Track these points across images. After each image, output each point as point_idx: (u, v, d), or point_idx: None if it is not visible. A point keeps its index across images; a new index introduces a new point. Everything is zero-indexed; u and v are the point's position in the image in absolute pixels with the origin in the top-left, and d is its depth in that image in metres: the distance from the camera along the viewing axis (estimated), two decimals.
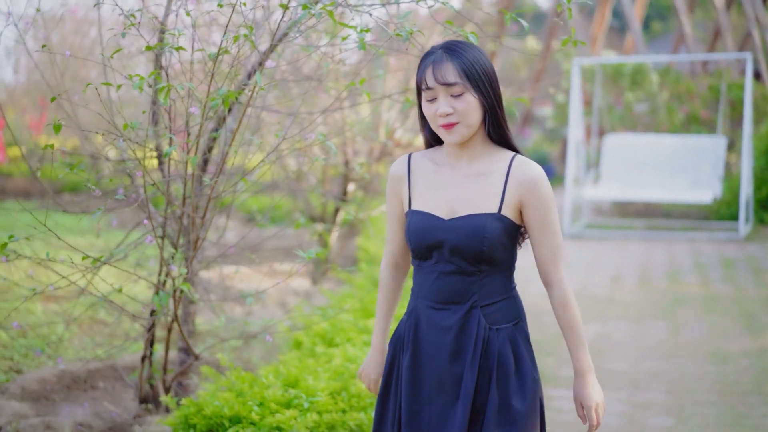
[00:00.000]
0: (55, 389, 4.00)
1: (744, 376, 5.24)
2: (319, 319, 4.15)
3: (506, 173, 2.32)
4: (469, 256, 2.29)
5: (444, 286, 2.33)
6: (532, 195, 2.31)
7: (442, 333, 2.34)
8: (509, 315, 2.37)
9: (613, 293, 7.62)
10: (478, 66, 2.28)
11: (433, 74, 2.28)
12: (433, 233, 2.32)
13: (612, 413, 4.63)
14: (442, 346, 2.34)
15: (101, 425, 3.54)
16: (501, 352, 2.32)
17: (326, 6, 2.76)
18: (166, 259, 3.08)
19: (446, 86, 2.26)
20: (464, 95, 2.27)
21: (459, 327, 2.32)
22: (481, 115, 2.31)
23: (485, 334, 2.32)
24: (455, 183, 2.36)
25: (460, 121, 2.28)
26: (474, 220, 2.29)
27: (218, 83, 3.04)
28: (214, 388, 3.15)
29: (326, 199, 6.54)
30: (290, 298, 6.06)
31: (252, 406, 2.99)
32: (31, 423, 3.45)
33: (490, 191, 2.32)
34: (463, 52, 2.29)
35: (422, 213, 2.36)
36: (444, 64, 2.27)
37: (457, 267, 2.31)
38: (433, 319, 2.35)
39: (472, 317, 2.32)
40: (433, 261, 2.34)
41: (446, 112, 2.27)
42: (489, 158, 2.36)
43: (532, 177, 2.31)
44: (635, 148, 11.58)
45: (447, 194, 2.35)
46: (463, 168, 2.37)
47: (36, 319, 5.49)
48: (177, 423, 3.05)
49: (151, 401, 3.70)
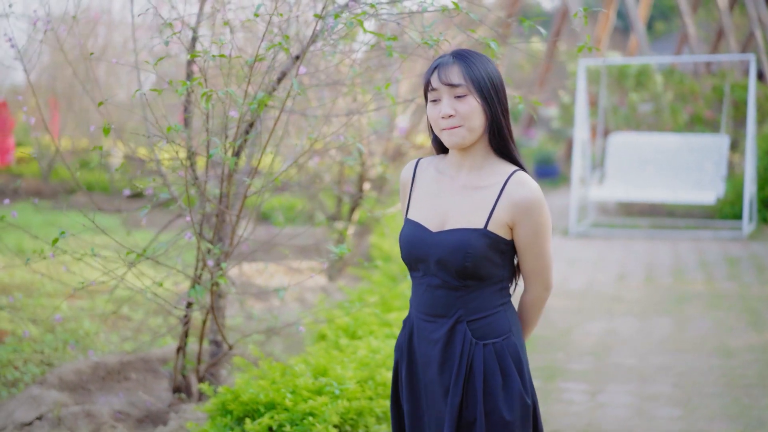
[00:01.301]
0: (90, 380, 4.18)
1: (749, 369, 5.40)
2: (341, 314, 4.32)
3: (500, 189, 2.29)
4: (453, 270, 2.28)
5: (431, 299, 2.33)
6: (523, 217, 2.28)
7: (431, 345, 2.34)
8: (498, 329, 2.34)
9: (620, 290, 7.79)
10: (484, 72, 2.30)
11: (438, 75, 2.30)
12: (419, 246, 2.32)
13: (621, 405, 4.80)
14: (432, 357, 2.35)
15: (137, 413, 3.73)
16: (487, 367, 2.30)
17: (357, 16, 2.93)
18: (204, 254, 3.25)
19: (450, 87, 2.28)
20: (467, 98, 2.28)
21: (445, 341, 2.32)
22: (484, 121, 2.31)
23: (471, 350, 2.30)
24: (451, 194, 2.35)
25: (462, 124, 2.28)
26: (458, 235, 2.28)
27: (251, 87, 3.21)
28: (247, 378, 3.33)
29: (343, 198, 6.72)
30: (308, 294, 6.25)
31: (285, 394, 3.17)
32: (72, 411, 3.63)
33: (481, 206, 2.30)
34: (470, 58, 2.31)
35: (414, 223, 2.36)
36: (450, 67, 2.30)
37: (442, 281, 2.31)
38: (423, 331, 2.36)
39: (458, 332, 2.31)
40: (421, 273, 2.35)
41: (448, 113, 2.27)
42: (489, 171, 2.34)
43: (526, 199, 2.28)
44: (639, 147, 11.75)
45: (441, 205, 2.35)
46: (462, 179, 2.35)
47: (62, 314, 5.67)
48: (214, 409, 3.23)
49: (183, 391, 3.88)
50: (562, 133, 17.26)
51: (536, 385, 5.05)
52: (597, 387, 5.13)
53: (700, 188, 11.09)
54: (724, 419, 4.55)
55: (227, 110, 3.03)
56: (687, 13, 14.73)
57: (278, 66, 3.54)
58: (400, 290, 4.97)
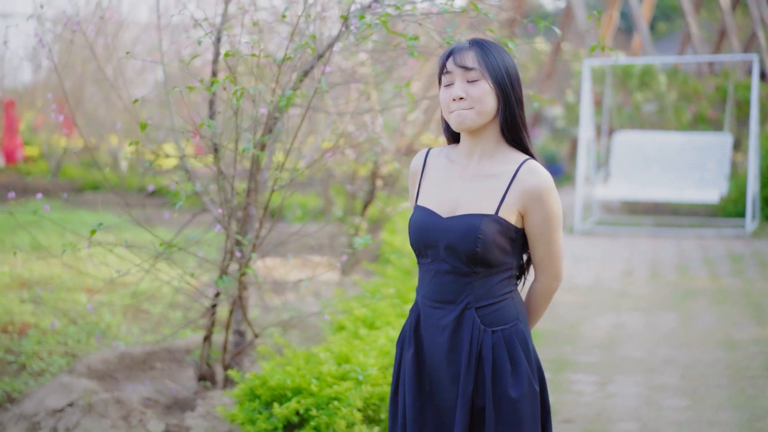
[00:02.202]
0: (117, 369, 4.32)
1: (753, 361, 5.53)
2: (359, 305, 4.46)
3: (512, 176, 2.30)
4: (463, 256, 2.28)
5: (440, 285, 2.33)
6: (534, 204, 2.29)
7: (438, 331, 2.35)
8: (506, 317, 2.34)
9: (626, 286, 7.92)
10: (499, 60, 2.31)
11: (453, 59, 2.31)
12: (429, 231, 2.33)
13: (630, 395, 4.93)
14: (439, 344, 2.35)
15: (165, 400, 3.87)
16: (496, 354, 2.31)
17: (381, 17, 3.06)
18: (232, 245, 3.39)
19: (463, 69, 2.28)
20: (480, 82, 2.28)
21: (453, 327, 2.32)
22: (495, 106, 2.31)
23: (479, 336, 2.31)
24: (463, 181, 2.35)
25: (473, 107, 2.28)
26: (468, 220, 2.28)
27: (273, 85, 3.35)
28: (273, 365, 3.47)
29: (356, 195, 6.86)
30: (323, 288, 6.39)
31: (310, 380, 3.31)
32: (102, 398, 3.77)
33: (492, 193, 2.30)
34: (486, 46, 2.32)
35: (423, 209, 2.36)
36: (466, 52, 2.31)
37: (451, 266, 2.31)
38: (431, 317, 2.36)
39: (466, 318, 2.32)
40: (429, 259, 2.35)
41: (459, 95, 2.28)
42: (500, 159, 2.34)
43: (537, 186, 2.29)
44: (644, 146, 11.88)
45: (452, 192, 2.35)
46: (473, 167, 2.35)
47: (82, 308, 5.81)
48: (242, 395, 3.36)
49: (209, 379, 4.02)
50: (566, 132, 17.38)
51: (546, 377, 5.19)
52: (606, 378, 5.26)
53: (704, 187, 11.22)
54: (730, 409, 4.68)
55: (256, 107, 3.17)
56: (690, 13, 14.85)
57: (301, 65, 3.67)
58: (414, 283, 5.11)
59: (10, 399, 4.29)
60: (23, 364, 4.78)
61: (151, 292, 6.11)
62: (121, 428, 3.60)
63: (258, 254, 4.73)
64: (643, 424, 4.48)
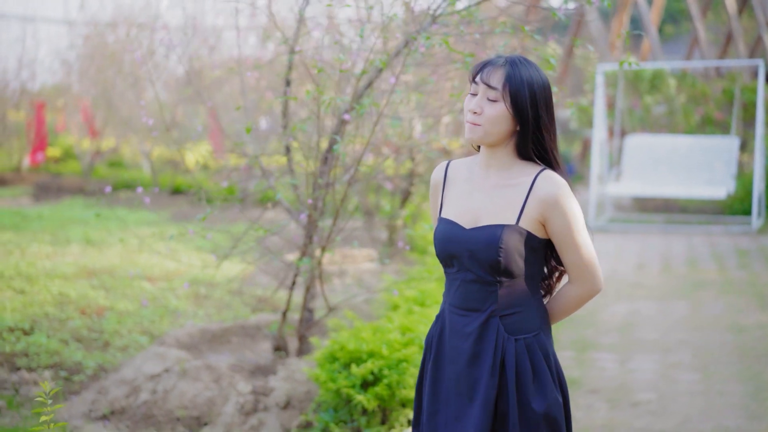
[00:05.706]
0: (200, 342, 4.91)
1: (759, 343, 6.09)
2: (405, 287, 5.04)
3: (530, 187, 2.34)
4: (486, 265, 2.33)
5: (465, 293, 2.39)
6: (552, 211, 2.33)
7: (463, 338, 2.40)
8: (530, 325, 2.40)
9: (639, 278, 8.47)
10: (526, 83, 2.31)
11: (482, 72, 2.34)
12: (453, 242, 2.38)
13: (648, 370, 5.50)
14: (462, 350, 2.40)
15: (248, 366, 4.45)
16: (519, 362, 2.36)
17: (445, 37, 3.63)
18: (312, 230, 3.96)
19: (486, 87, 2.31)
20: (499, 103, 2.31)
21: (478, 334, 2.37)
22: (511, 129, 2.35)
23: (503, 344, 2.36)
24: (483, 193, 2.40)
25: (482, 125, 2.33)
26: (490, 231, 2.33)
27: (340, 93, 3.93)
28: (348, 334, 4.05)
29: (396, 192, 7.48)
30: (365, 276, 6.99)
31: (381, 345, 3.89)
32: (194, 364, 4.35)
33: (512, 203, 2.35)
34: (519, 66, 2.32)
35: (447, 221, 2.42)
36: (495, 69, 2.32)
37: (476, 276, 2.36)
38: (456, 324, 2.41)
39: (491, 326, 2.37)
40: (455, 269, 2.41)
41: (474, 110, 2.33)
42: (518, 170, 2.39)
43: (553, 194, 2.33)
44: (654, 148, 12.41)
45: (473, 203, 2.40)
46: (492, 178, 2.40)
47: (148, 294, 6.40)
48: (322, 358, 3.94)
49: (283, 350, 4.60)
50: (578, 133, 17.89)
51: (571, 356, 5.77)
52: (625, 356, 5.83)
53: (712, 186, 11.73)
54: (739, 381, 5.24)
55: (340, 113, 3.75)
56: (697, 17, 15.32)
57: (365, 76, 4.25)
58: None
59: (104, 369, 4.88)
60: (107, 341, 5.37)
61: (208, 281, 6.70)
62: (213, 389, 4.19)
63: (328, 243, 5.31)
64: (660, 394, 5.05)
